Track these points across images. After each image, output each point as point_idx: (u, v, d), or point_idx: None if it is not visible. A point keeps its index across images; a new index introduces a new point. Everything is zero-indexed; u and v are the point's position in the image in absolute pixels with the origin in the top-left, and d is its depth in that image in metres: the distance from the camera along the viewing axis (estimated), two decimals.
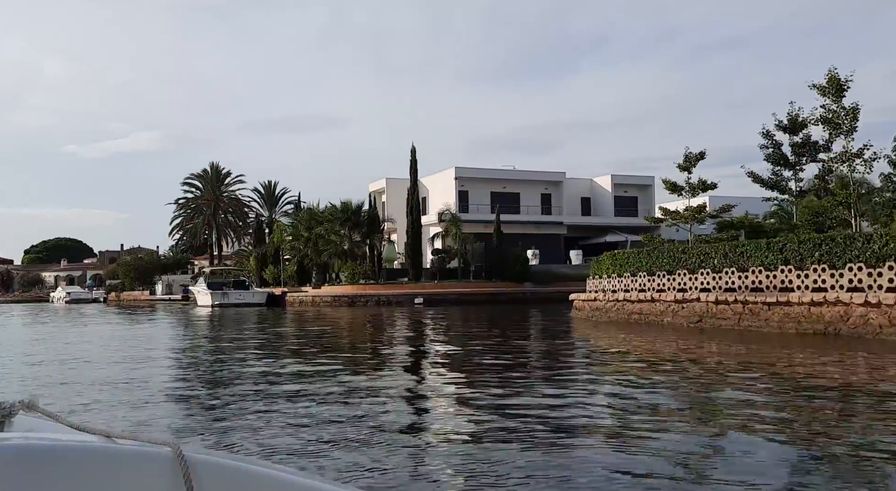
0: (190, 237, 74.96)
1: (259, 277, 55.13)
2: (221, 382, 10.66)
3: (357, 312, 37.91)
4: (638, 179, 59.11)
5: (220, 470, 1.23)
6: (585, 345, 15.86)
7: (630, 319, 20.89)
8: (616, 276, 22.46)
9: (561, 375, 10.80)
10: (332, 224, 46.77)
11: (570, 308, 27.90)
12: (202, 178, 70.67)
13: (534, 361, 12.89)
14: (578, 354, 13.82)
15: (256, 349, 16.07)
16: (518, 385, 9.80)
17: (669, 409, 8.02)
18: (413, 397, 9.20)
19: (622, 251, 23.78)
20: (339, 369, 11.88)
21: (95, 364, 13.41)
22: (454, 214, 45.39)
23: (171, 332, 23.25)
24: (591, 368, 11.74)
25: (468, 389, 9.70)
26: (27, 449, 1.14)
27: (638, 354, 13.26)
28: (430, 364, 12.72)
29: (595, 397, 8.83)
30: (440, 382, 10.46)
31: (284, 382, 10.48)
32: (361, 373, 11.55)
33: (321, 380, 10.43)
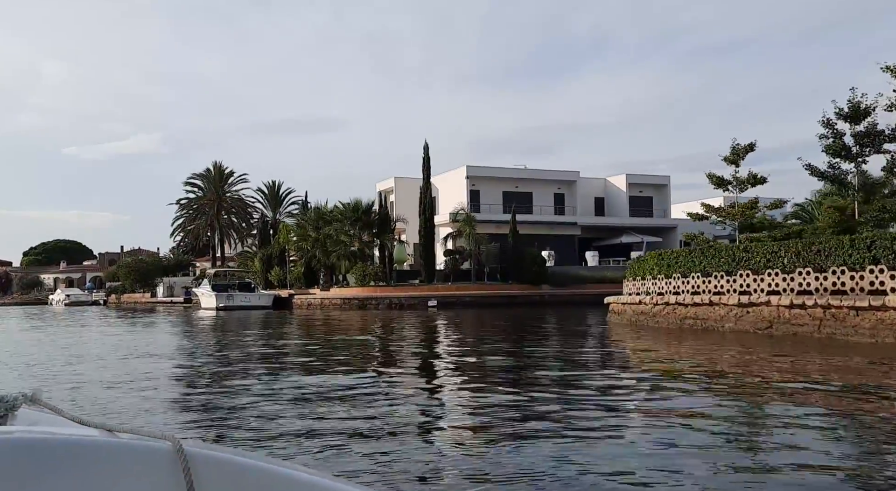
0: (192, 238, 72.85)
1: (264, 279, 53.06)
2: (262, 431, 8.61)
3: (369, 315, 35.91)
4: (653, 179, 57.19)
5: (220, 464, 1.23)
6: (657, 359, 13.86)
7: (683, 324, 18.90)
8: (663, 277, 20.47)
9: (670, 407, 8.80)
10: (341, 224, 44.73)
11: (597, 312, 25.93)
12: (205, 177, 68.57)
13: (618, 386, 10.87)
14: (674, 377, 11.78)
15: (274, 363, 14.02)
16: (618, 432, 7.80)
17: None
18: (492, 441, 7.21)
19: (669, 250, 21.77)
20: (391, 400, 9.90)
21: (88, 386, 11.32)
22: (468, 214, 43.38)
23: (176, 340, 21.19)
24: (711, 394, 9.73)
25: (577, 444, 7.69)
26: (30, 442, 1.15)
27: (741, 372, 11.25)
28: (492, 392, 10.69)
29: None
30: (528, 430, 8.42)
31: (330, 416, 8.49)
32: (426, 409, 9.56)
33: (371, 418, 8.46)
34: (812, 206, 54.02)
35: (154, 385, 10.36)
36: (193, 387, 10.57)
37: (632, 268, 23.68)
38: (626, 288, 24.25)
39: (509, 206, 52.21)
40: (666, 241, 54.12)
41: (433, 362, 13.35)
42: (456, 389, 9.78)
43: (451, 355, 14.23)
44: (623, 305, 22.60)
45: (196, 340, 20.87)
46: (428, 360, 13.87)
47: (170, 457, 1.19)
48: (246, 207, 69.10)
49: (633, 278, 22.97)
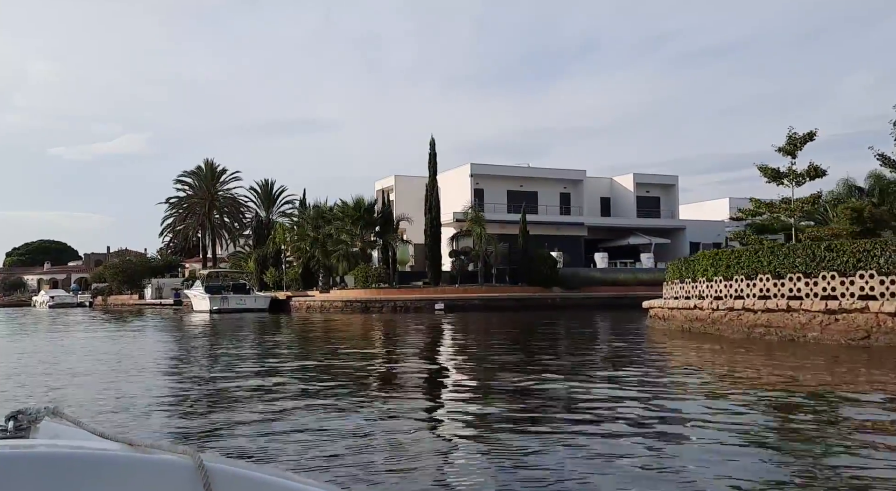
0: (181, 238, 69.88)
1: (259, 281, 50.36)
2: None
3: (373, 319, 33.45)
4: (661, 179, 55.10)
5: (240, 480, 1.23)
6: (769, 382, 11.46)
7: (752, 333, 16.60)
8: (721, 279, 18.17)
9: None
10: (342, 222, 42.17)
11: (619, 316, 23.63)
12: (196, 175, 65.61)
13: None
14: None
15: (276, 396, 11.46)
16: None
17: None
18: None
19: (728, 249, 19.45)
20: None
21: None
22: (478, 213, 40.98)
23: (165, 352, 18.60)
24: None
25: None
26: (52, 456, 1.15)
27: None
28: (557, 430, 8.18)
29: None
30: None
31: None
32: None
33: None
34: (826, 208, 52.20)
35: (134, 415, 8.02)
36: (180, 419, 8.08)
37: (675, 268, 21.37)
38: (667, 291, 21.95)
39: (513, 205, 49.94)
40: (674, 243, 52.10)
41: (477, 406, 10.83)
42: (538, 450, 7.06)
43: (497, 390, 11.56)
44: (671, 310, 20.27)
45: (187, 351, 18.29)
46: (467, 397, 11.16)
47: (190, 471, 1.18)
48: (239, 207, 66.25)
49: (678, 280, 20.66)
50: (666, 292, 22.08)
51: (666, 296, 21.92)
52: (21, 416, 1.31)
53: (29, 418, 1.30)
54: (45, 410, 1.32)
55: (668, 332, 19.40)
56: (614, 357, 13.87)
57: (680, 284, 20.46)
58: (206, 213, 64.68)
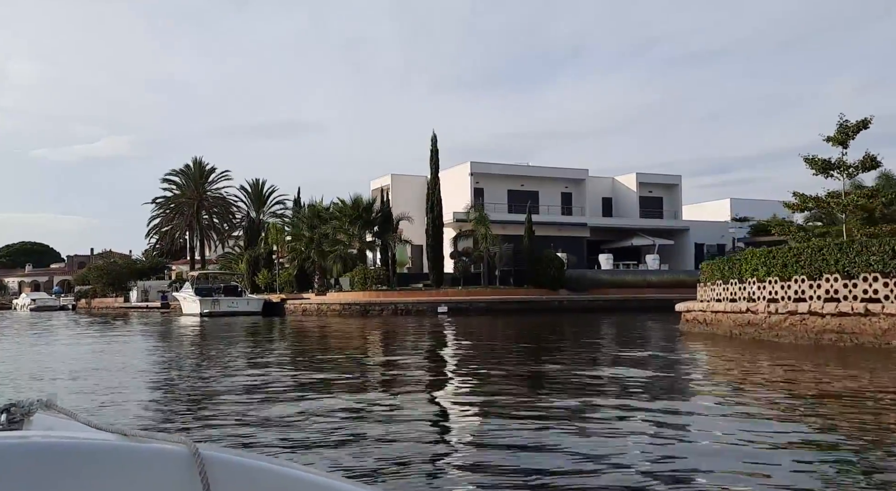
0: (168, 240, 67.31)
1: (251, 283, 48.06)
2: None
3: (373, 323, 31.40)
4: (664, 178, 53.44)
5: (236, 468, 1.22)
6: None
7: (820, 339, 14.73)
8: (776, 279, 16.32)
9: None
10: (340, 222, 40.04)
11: (634, 319, 21.77)
12: (184, 174, 63.06)
13: None
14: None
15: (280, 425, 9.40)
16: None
17: None
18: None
19: (785, 246, 17.60)
20: None
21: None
22: (483, 213, 39.00)
23: (152, 361, 16.48)
24: None
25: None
26: (46, 447, 1.14)
27: None
28: None
29: None
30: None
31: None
32: None
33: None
34: (833, 207, 50.72)
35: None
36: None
37: (716, 268, 19.51)
38: (705, 292, 20.09)
39: (514, 205, 48.07)
40: (678, 244, 50.47)
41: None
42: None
43: (547, 449, 9.67)
44: (715, 313, 18.38)
45: (176, 359, 16.16)
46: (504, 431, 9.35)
47: (186, 460, 1.17)
48: (228, 206, 63.79)
49: (721, 280, 18.79)
50: (703, 294, 20.22)
51: (704, 298, 20.06)
52: (14, 408, 1.27)
53: (22, 411, 1.27)
54: (39, 403, 1.29)
55: (714, 338, 17.49)
56: (684, 380, 11.86)
57: (723, 285, 18.59)
58: (194, 213, 62.20)
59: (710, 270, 20.01)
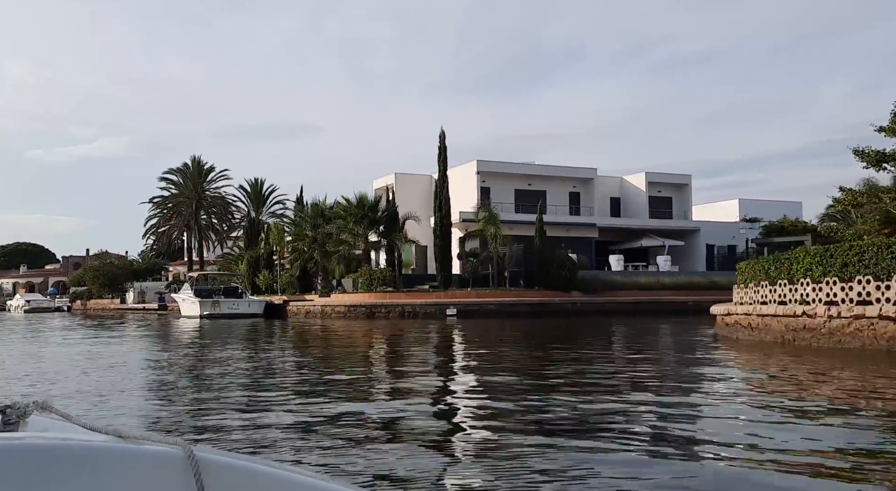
0: (166, 240, 65.59)
1: (251, 284, 46.44)
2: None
3: (380, 326, 29.96)
4: (673, 178, 52.05)
5: (231, 470, 1.21)
6: None
7: (894, 347, 13.30)
8: (835, 280, 14.87)
9: None
10: (345, 221, 38.48)
11: (648, 321, 20.33)
12: (182, 173, 61.34)
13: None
14: None
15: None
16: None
17: None
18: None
19: (845, 244, 16.12)
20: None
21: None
22: (492, 212, 37.48)
23: (152, 367, 14.96)
24: None
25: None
26: (41, 448, 1.13)
27: None
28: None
29: None
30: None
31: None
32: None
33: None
34: (848, 207, 49.44)
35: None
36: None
37: (759, 268, 18.06)
38: (745, 295, 18.65)
39: (521, 205, 46.65)
40: (688, 245, 49.07)
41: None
42: None
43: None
44: (761, 317, 16.91)
45: (177, 366, 14.64)
46: None
47: (181, 463, 1.17)
48: (228, 206, 62.07)
49: (766, 282, 17.33)
50: (743, 296, 18.77)
51: (745, 300, 18.61)
52: (10, 410, 1.26)
53: (18, 412, 1.26)
54: (35, 405, 1.28)
55: (767, 345, 16.02)
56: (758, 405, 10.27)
57: (769, 286, 17.12)
58: (192, 213, 60.50)
59: (751, 270, 18.56)
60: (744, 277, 19.22)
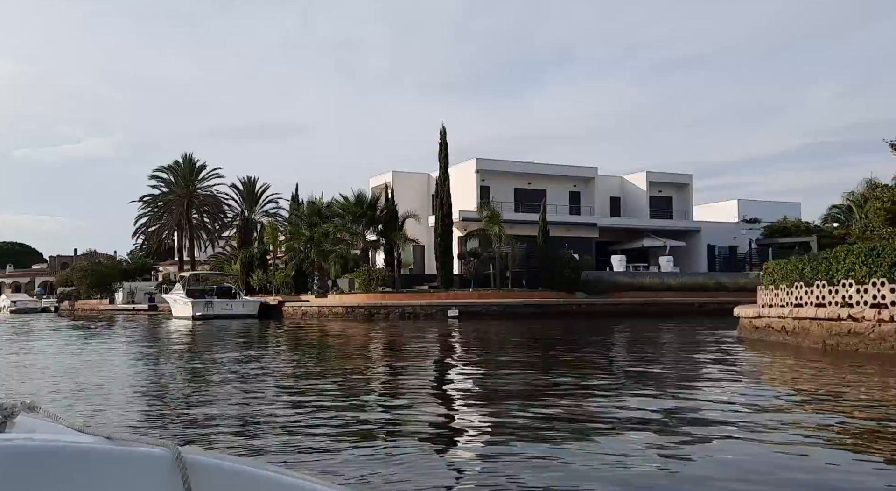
0: (156, 240, 63.95)
1: (245, 284, 45.04)
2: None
3: (380, 328, 28.80)
4: (674, 177, 51.12)
5: (219, 471, 1.21)
6: None
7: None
8: (884, 281, 13.80)
9: None
10: (343, 220, 37.22)
11: (653, 323, 19.25)
12: (173, 171, 59.73)
13: None
14: None
15: None
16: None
17: None
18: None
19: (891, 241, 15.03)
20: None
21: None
22: (494, 211, 36.33)
23: (145, 374, 13.72)
24: None
25: None
26: (29, 449, 1.13)
27: None
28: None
29: None
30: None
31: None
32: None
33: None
34: (852, 207, 48.72)
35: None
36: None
37: (790, 269, 16.99)
38: (775, 297, 17.58)
39: (521, 204, 45.59)
40: (689, 246, 48.18)
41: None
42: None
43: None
44: (798, 320, 15.83)
45: (170, 377, 13.40)
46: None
47: (169, 464, 1.16)
48: (220, 205, 60.53)
49: (801, 283, 16.25)
50: (772, 299, 17.69)
51: (775, 302, 17.54)
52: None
53: (5, 413, 1.26)
54: (22, 405, 1.28)
55: (807, 351, 14.93)
56: None
57: (805, 287, 16.05)
58: (183, 211, 58.91)
59: (782, 270, 17.48)
60: (772, 278, 18.15)
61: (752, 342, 17.22)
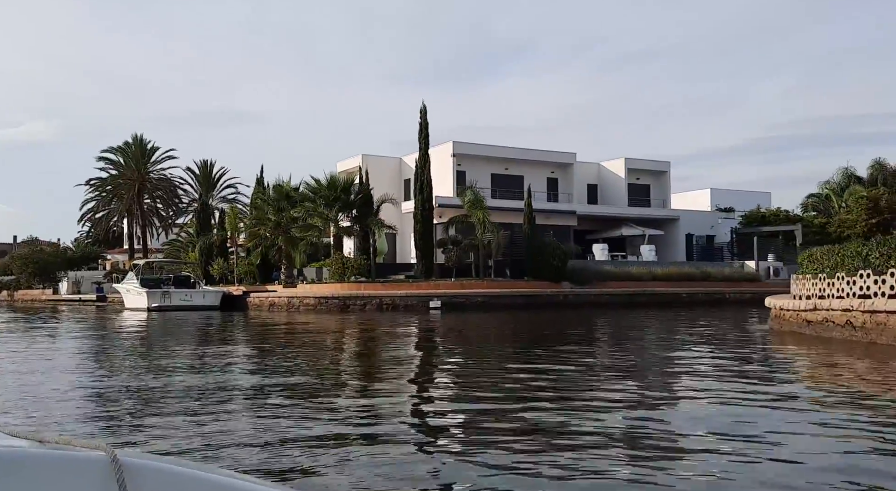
0: (105, 225, 59.59)
1: (204, 273, 41.58)
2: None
3: (358, 320, 26.20)
4: (652, 165, 49.42)
5: (156, 474, 1.17)
6: None
7: None
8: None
9: None
10: (314, 204, 34.19)
11: (647, 313, 17.18)
12: (124, 152, 55.37)
13: None
14: None
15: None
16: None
17: None
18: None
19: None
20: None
21: None
22: (477, 195, 33.82)
23: (92, 374, 10.92)
24: None
25: None
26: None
27: None
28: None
29: None
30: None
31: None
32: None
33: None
34: (830, 196, 47.90)
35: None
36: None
37: (846, 256, 14.98)
38: (814, 287, 15.58)
39: (497, 190, 43.19)
40: (668, 235, 46.62)
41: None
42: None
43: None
44: (869, 314, 13.78)
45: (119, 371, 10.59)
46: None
47: (104, 467, 1.11)
48: (174, 190, 56.44)
49: (868, 271, 14.23)
50: (823, 289, 15.66)
51: (811, 293, 15.59)
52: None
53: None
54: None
55: (876, 351, 12.85)
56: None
57: (873, 276, 14.00)
58: (134, 196, 54.68)
59: (837, 256, 15.45)
60: (821, 266, 16.11)
61: (809, 339, 15.11)
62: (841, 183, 48.20)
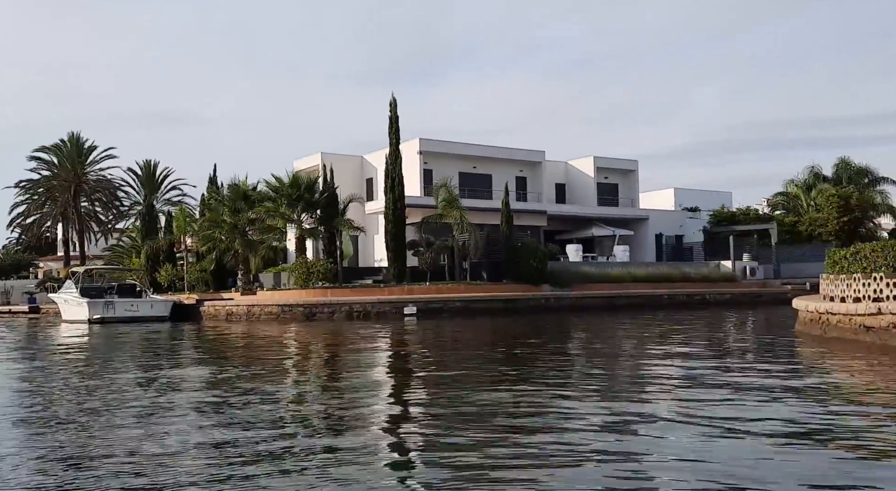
0: (36, 231, 54.89)
1: (151, 280, 37.97)
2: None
3: (328, 330, 23.62)
4: (620, 163, 48.02)
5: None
6: None
7: None
8: None
9: None
10: (275, 204, 31.25)
11: (632, 315, 15.37)
12: (58, 151, 50.88)
13: None
14: None
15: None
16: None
17: None
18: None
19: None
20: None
21: None
22: (452, 194, 31.47)
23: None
24: None
25: None
26: None
27: None
28: None
29: None
30: None
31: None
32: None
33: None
34: (798, 194, 47.38)
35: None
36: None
37: (890, 251, 13.27)
38: (849, 287, 13.85)
39: (465, 189, 40.93)
40: (637, 235, 45.25)
41: None
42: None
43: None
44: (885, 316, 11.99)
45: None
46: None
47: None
48: (115, 191, 52.19)
49: (884, 273, 12.49)
50: (846, 289, 13.94)
51: (846, 294, 13.85)
52: None
53: None
54: None
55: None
56: None
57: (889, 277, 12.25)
58: (70, 199, 50.28)
59: (875, 253, 13.76)
60: (861, 266, 14.37)
61: (885, 349, 13.22)
62: (807, 181, 47.83)
